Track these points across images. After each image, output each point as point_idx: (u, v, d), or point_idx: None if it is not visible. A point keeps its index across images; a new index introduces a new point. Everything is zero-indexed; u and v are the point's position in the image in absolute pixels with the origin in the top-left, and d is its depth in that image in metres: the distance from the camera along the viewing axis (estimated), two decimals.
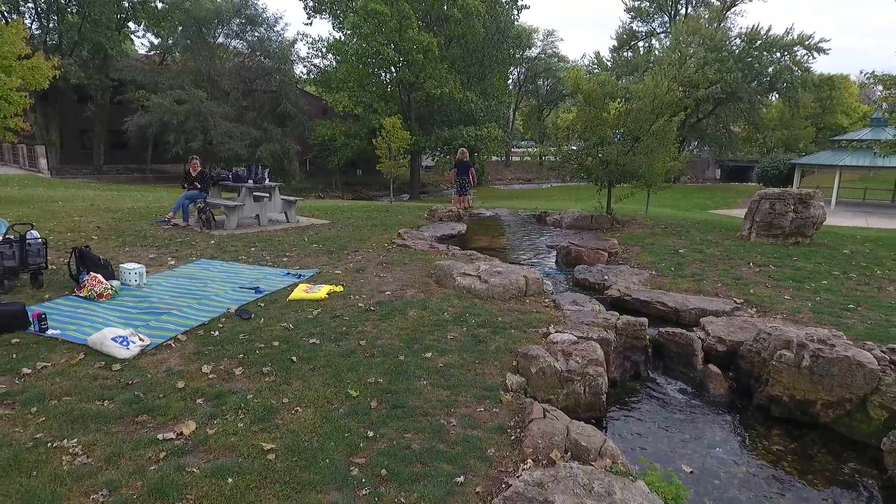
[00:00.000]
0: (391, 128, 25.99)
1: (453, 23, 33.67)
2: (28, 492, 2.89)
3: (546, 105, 69.63)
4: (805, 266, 8.06)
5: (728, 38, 44.83)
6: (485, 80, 39.18)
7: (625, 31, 55.32)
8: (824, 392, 4.40)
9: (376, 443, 3.45)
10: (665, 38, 52.92)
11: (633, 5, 53.49)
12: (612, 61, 56.04)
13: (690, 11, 51.96)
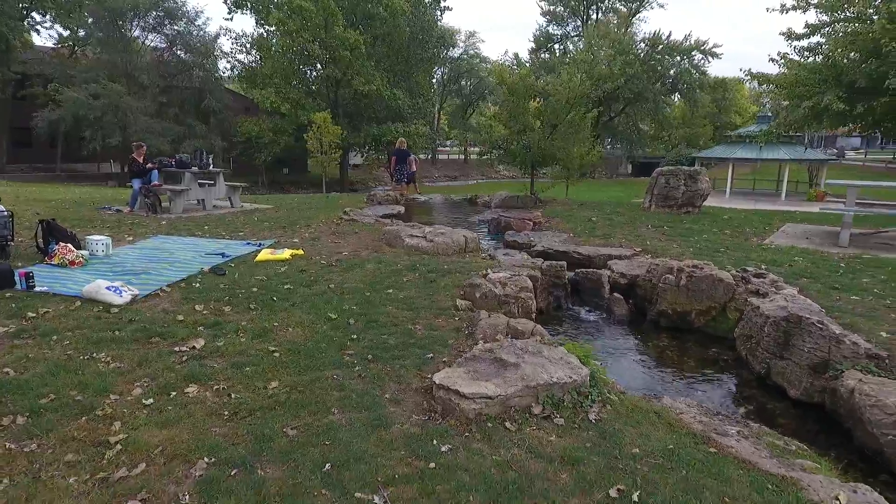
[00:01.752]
0: (322, 123, 26.42)
1: (379, 21, 34.40)
2: (81, 383, 3.56)
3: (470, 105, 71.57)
4: (692, 227, 9.73)
5: (634, 42, 48.39)
6: (410, 79, 40.17)
7: (542, 34, 58.27)
8: (697, 303, 5.76)
9: (360, 343, 4.35)
10: (579, 41, 56.24)
11: (548, 9, 56.50)
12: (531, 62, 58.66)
13: (601, 17, 55.50)
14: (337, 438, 2.96)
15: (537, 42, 58.67)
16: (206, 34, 32.37)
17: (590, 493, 2.59)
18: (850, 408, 3.73)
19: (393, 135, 34.29)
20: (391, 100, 35.37)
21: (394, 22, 34.14)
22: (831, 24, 16.09)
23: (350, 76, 32.98)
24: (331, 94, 35.98)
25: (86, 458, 2.75)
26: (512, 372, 3.50)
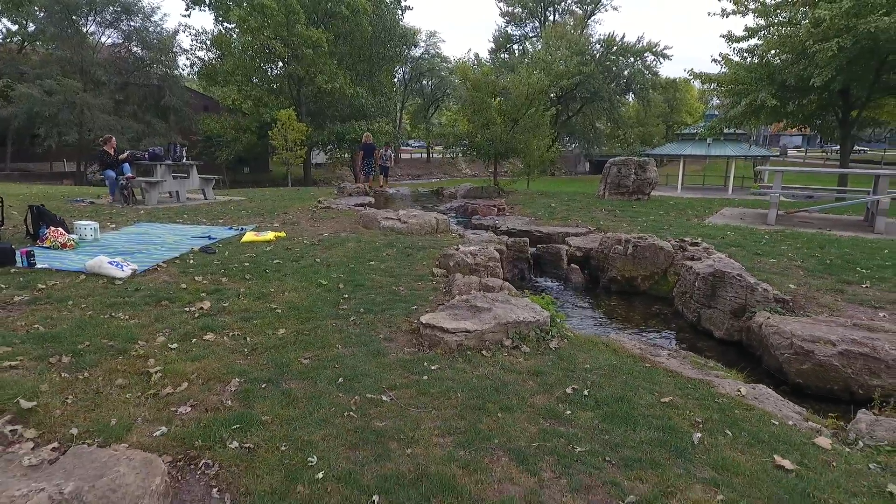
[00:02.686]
0: (287, 120, 26.63)
1: (341, 19, 34.65)
2: (109, 333, 4.05)
3: (432, 104, 72.22)
4: (641, 210, 10.68)
5: (590, 43, 50.00)
6: (373, 77, 40.52)
7: (501, 34, 59.45)
8: (641, 269, 6.59)
9: (350, 301, 4.95)
10: (537, 42, 57.68)
11: (507, 11, 57.67)
12: (491, 62, 59.78)
13: (557, 18, 57.06)
14: (344, 363, 3.57)
15: (497, 42, 59.80)
16: (164, 30, 31.95)
17: (551, 392, 3.30)
18: (759, 339, 4.57)
19: (357, 133, 34.61)
20: (354, 98, 35.67)
21: (356, 20, 34.46)
22: (767, 27, 17.47)
23: (313, 74, 33.13)
24: (293, 91, 36.00)
25: (134, 382, 3.28)
26: (486, 314, 4.18)
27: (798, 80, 15.95)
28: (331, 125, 36.20)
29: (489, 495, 2.28)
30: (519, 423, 2.88)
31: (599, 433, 2.80)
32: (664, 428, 2.86)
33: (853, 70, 15.33)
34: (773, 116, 18.79)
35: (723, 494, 2.31)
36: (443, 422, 2.86)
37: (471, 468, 2.45)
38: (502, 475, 2.41)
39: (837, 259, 6.61)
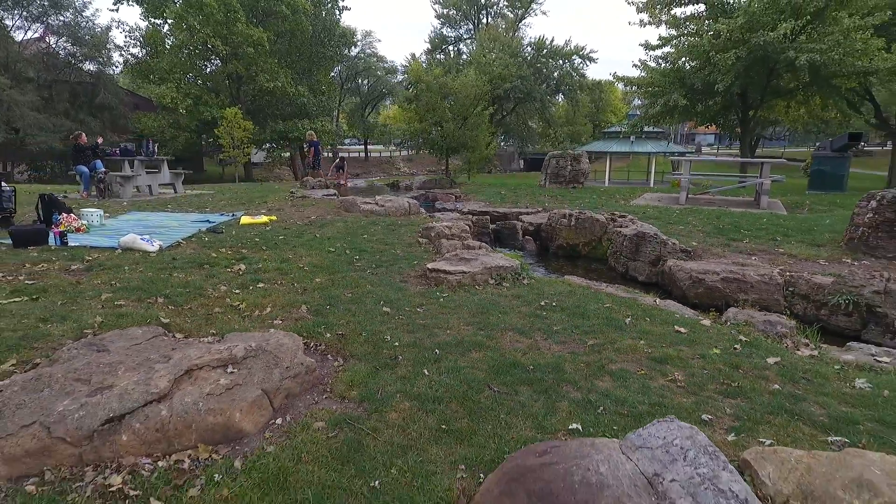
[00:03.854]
0: (233, 118, 26.85)
1: (281, 18, 34.97)
2: (178, 284, 5.08)
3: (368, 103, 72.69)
4: (578, 195, 12.44)
5: (521, 46, 52.49)
6: (312, 77, 40.93)
7: (437, 36, 60.96)
8: (583, 237, 8.19)
9: (361, 261, 6.18)
10: (471, 43, 59.71)
11: (442, 13, 59.35)
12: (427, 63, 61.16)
13: (490, 21, 59.31)
14: (378, 294, 4.84)
15: (433, 43, 61.23)
16: (95, 25, 31.11)
17: (530, 305, 4.72)
18: (669, 277, 6.22)
19: (300, 131, 35.09)
20: (296, 97, 36.06)
21: (296, 19, 34.89)
22: (677, 37, 19.92)
23: (255, 73, 33.30)
24: (233, 90, 35.91)
25: (227, 310, 4.40)
26: (474, 262, 5.55)
27: (704, 84, 18.41)
28: (273, 124, 36.39)
29: (505, 347, 3.65)
30: (513, 318, 4.28)
31: (567, 321, 4.24)
32: (607, 318, 4.35)
33: (749, 76, 17.93)
34: (685, 116, 21.37)
35: (644, 341, 3.81)
36: (463, 319, 4.21)
37: (490, 337, 3.82)
38: (511, 339, 3.80)
39: (729, 225, 8.50)
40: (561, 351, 3.65)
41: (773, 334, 4.14)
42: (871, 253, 6.28)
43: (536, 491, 2.11)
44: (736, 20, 16.12)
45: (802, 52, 15.60)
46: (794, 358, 3.70)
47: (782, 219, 9.37)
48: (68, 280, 5.15)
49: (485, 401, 2.99)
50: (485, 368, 3.35)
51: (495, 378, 3.23)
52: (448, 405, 2.96)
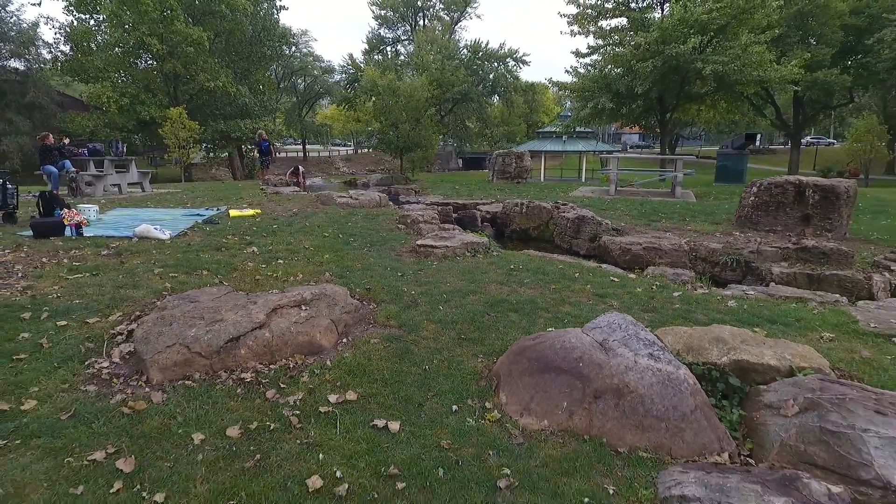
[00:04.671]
0: (178, 118, 26.75)
1: (219, 17, 34.81)
2: (210, 261, 6.08)
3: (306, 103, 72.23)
4: (523, 189, 14.04)
5: (458, 48, 54.23)
6: (251, 76, 40.78)
7: (374, 36, 61.65)
8: (533, 222, 9.70)
9: (356, 242, 7.36)
10: (409, 45, 60.89)
11: (380, 14, 60.14)
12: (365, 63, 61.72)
13: (427, 23, 60.70)
14: (382, 264, 6.07)
15: (370, 44, 61.86)
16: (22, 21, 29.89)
17: (502, 268, 6.09)
18: (604, 249, 7.81)
19: (242, 131, 35.09)
20: (237, 96, 35.96)
21: (235, 19, 34.84)
22: (604, 46, 22.08)
23: (195, 72, 33.02)
24: (170, 89, 35.34)
25: (266, 278, 5.49)
26: (452, 240, 6.88)
27: (627, 89, 20.62)
28: (214, 124, 36.10)
29: (492, 292, 5.01)
30: (493, 276, 5.65)
31: (532, 277, 5.66)
32: (562, 274, 5.80)
33: (665, 83, 20.28)
34: (612, 117, 23.63)
35: (590, 286, 5.27)
36: (456, 277, 5.53)
37: (479, 287, 5.16)
38: (495, 288, 5.16)
39: (650, 210, 10.29)
40: (532, 293, 5.05)
41: (678, 281, 5.73)
42: (753, 227, 8.13)
43: (534, 356, 3.47)
44: (652, 34, 18.33)
45: (708, 63, 17.99)
46: (692, 293, 5.28)
47: (692, 205, 11.33)
48: (110, 262, 6.04)
49: (486, 321, 4.33)
50: (481, 304, 4.69)
51: (490, 309, 4.58)
52: (462, 325, 4.27)
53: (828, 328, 4.29)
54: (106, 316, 4.39)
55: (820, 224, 7.67)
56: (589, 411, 3.09)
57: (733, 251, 6.88)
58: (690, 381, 3.12)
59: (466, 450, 2.92)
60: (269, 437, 3.00)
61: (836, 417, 2.87)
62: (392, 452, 2.88)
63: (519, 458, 2.87)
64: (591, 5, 21.26)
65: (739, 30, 18.45)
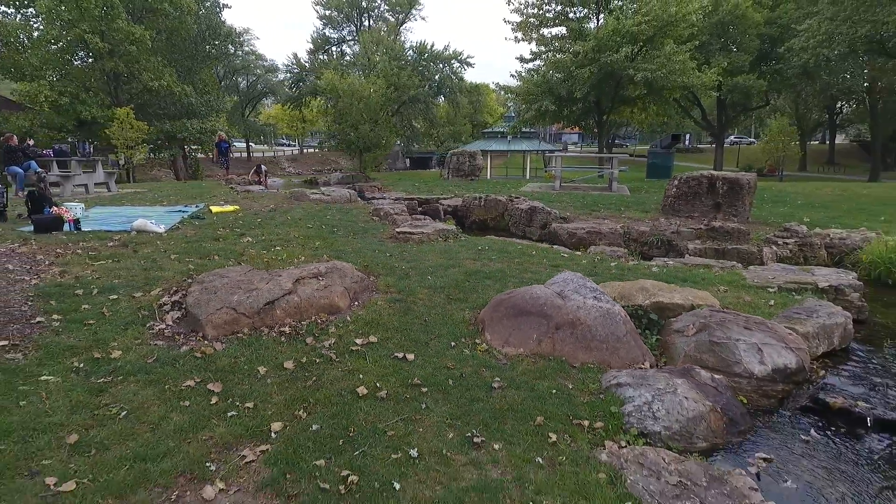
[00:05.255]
0: (125, 118, 26.36)
1: (162, 16, 34.28)
2: (216, 249, 6.89)
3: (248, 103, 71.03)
4: (477, 186, 15.28)
5: (404, 50, 55.06)
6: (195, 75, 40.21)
7: (319, 36, 61.57)
8: (490, 214, 10.92)
9: (340, 232, 8.29)
10: (354, 45, 61.19)
11: (324, 14, 60.14)
12: (310, 62, 61.58)
13: (373, 24, 61.20)
14: (370, 248, 7.07)
15: (315, 44, 61.73)
16: None
17: (472, 249, 7.23)
18: (554, 234, 9.10)
19: (189, 131, 34.70)
20: (182, 96, 35.49)
21: (179, 18, 34.41)
22: (546, 53, 23.69)
23: (138, 71, 32.42)
24: (111, 88, 34.47)
25: (273, 260, 6.37)
26: (426, 227, 7.96)
27: (568, 93, 22.30)
28: (159, 124, 35.46)
29: (468, 266, 6.14)
30: (465, 254, 6.78)
31: (498, 255, 6.82)
32: (522, 252, 7.00)
33: (601, 87, 22.08)
34: (554, 119, 25.32)
35: (546, 259, 6.50)
36: (436, 255, 6.62)
37: (457, 263, 6.27)
38: (469, 263, 6.29)
39: (590, 202, 11.74)
40: (500, 265, 6.21)
41: (615, 256, 7.04)
42: (675, 213, 9.66)
43: (509, 305, 4.61)
44: (589, 43, 20.04)
45: (639, 70, 19.85)
46: (625, 264, 6.60)
47: (626, 197, 12.89)
48: (122, 251, 6.75)
49: (467, 285, 5.45)
50: (461, 274, 5.80)
51: (468, 278, 5.71)
52: (448, 289, 5.38)
53: (724, 283, 5.68)
54: (148, 291, 5.21)
55: (728, 210, 9.26)
56: (552, 339, 4.26)
57: (658, 233, 8.32)
58: (623, 315, 4.35)
59: (466, 368, 4.02)
60: (317, 367, 4.00)
61: (720, 333, 4.18)
62: (412, 372, 3.95)
63: (504, 371, 4.01)
64: (534, 14, 22.83)
65: (665, 40, 20.44)
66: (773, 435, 3.65)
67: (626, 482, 2.84)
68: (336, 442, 3.13)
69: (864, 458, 3.41)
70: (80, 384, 3.68)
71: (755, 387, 3.91)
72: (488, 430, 3.27)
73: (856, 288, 5.49)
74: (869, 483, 3.19)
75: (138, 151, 26.88)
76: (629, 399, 3.52)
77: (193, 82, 39.24)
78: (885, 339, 5.03)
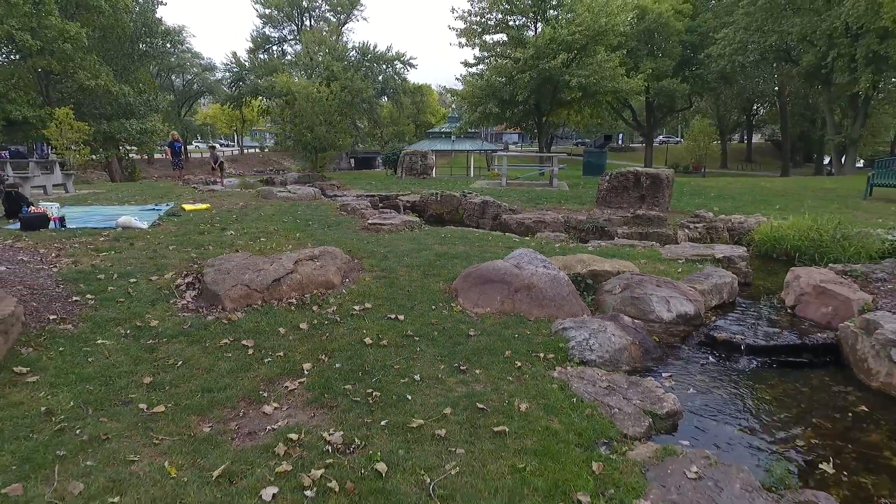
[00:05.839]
0: (65, 118, 25.60)
1: (97, 13, 33.33)
2: (208, 240, 7.63)
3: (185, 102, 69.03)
4: (430, 183, 16.36)
5: (347, 50, 55.37)
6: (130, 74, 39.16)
7: (259, 35, 60.77)
8: (446, 208, 12.03)
9: (314, 225, 9.15)
10: (296, 44, 60.83)
11: (264, 12, 59.41)
12: (250, 61, 60.74)
13: (314, 24, 61.02)
14: (347, 237, 8.00)
15: (255, 42, 60.93)
16: None
17: (436, 237, 8.30)
18: (504, 224, 10.33)
19: (128, 132, 33.88)
20: (120, 95, 34.59)
21: (115, 16, 33.54)
22: (489, 58, 25.07)
23: (73, 70, 31.40)
24: (42, 87, 33.15)
25: (265, 247, 7.20)
26: (394, 220, 8.97)
27: (510, 96, 23.77)
28: (95, 124, 34.38)
29: (437, 249, 7.21)
30: (432, 241, 7.84)
31: (460, 241, 7.93)
32: (480, 238, 8.14)
33: (540, 92, 23.68)
34: (497, 120, 26.79)
35: (501, 243, 7.66)
36: (406, 243, 7.65)
37: (426, 247, 7.33)
38: (437, 247, 7.37)
39: (535, 197, 13.08)
40: (464, 249, 7.33)
41: (558, 240, 8.30)
42: (607, 205, 11.11)
43: (477, 276, 5.72)
44: (528, 51, 21.55)
45: (574, 76, 21.55)
46: (566, 245, 7.86)
47: (565, 192, 14.35)
48: (119, 245, 7.37)
49: (439, 264, 6.52)
50: (432, 256, 6.87)
51: (439, 258, 6.78)
52: (423, 267, 6.43)
53: (644, 258, 7.03)
54: (161, 275, 5.97)
55: (650, 201, 10.79)
56: (512, 300, 5.40)
57: (593, 221, 9.70)
58: (567, 280, 5.55)
59: (447, 324, 5.09)
60: (327, 327, 4.96)
61: (638, 291, 5.45)
62: (404, 327, 4.98)
63: (477, 324, 5.10)
64: (477, 22, 24.15)
65: (597, 48, 22.26)
66: (677, 361, 4.94)
67: (571, 387, 3.99)
68: (356, 374, 4.13)
69: (738, 373, 4.75)
70: (133, 345, 4.49)
71: (664, 328, 5.19)
72: (470, 362, 4.35)
73: (743, 258, 6.97)
74: (740, 386, 4.51)
75: (79, 153, 26.16)
76: (572, 338, 4.70)
77: (129, 81, 38.23)
78: (762, 296, 6.51)
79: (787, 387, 4.51)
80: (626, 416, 3.63)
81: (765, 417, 4.06)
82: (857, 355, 4.59)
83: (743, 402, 4.26)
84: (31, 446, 3.13)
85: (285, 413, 3.64)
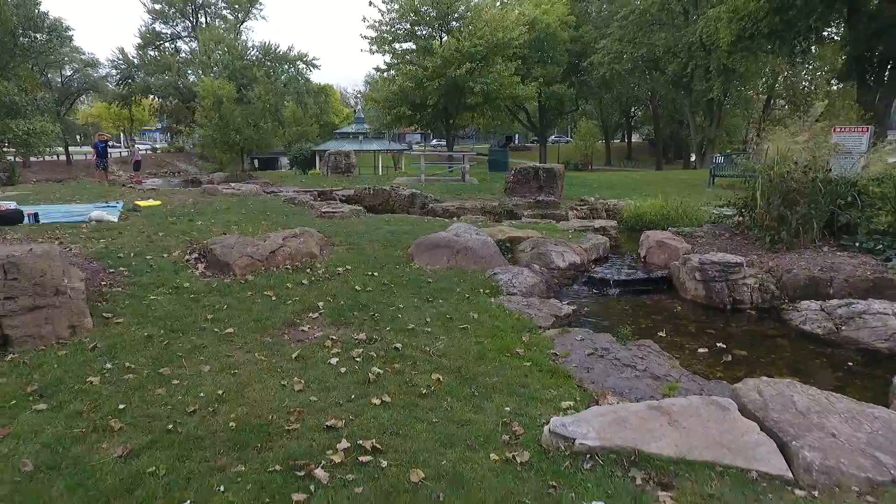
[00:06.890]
0: None
1: None
2: (189, 229, 8.89)
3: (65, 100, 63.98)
4: (352, 180, 17.96)
5: (247, 49, 54.58)
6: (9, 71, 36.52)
7: (148, 31, 57.86)
8: (378, 200, 13.83)
9: (274, 215, 10.56)
10: (191, 42, 58.81)
11: (153, 7, 56.73)
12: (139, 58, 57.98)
13: (210, 21, 59.25)
14: (310, 223, 9.58)
15: (144, 38, 57.95)
16: None
17: (383, 221, 10.12)
18: (432, 211, 12.35)
19: (15, 133, 31.88)
20: (3, 94, 32.36)
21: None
22: (399, 64, 26.95)
23: None
24: None
25: (243, 229, 8.63)
26: (343, 209, 10.67)
27: (420, 100, 25.82)
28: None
29: (386, 228, 9.06)
30: (380, 223, 9.65)
31: (402, 224, 9.82)
32: (419, 221, 10.08)
33: (449, 97, 25.96)
34: (409, 123, 28.77)
35: (437, 224, 9.65)
36: (361, 226, 9.41)
37: (377, 228, 9.15)
38: (387, 227, 9.21)
39: (452, 189, 15.20)
40: (409, 228, 9.23)
41: (478, 221, 10.43)
42: (514, 194, 13.52)
43: (427, 243, 7.70)
44: (435, 59, 23.74)
45: (477, 83, 24.06)
46: (487, 223, 10.01)
47: (477, 185, 16.68)
48: (109, 234, 8.46)
49: (393, 239, 8.40)
50: (387, 234, 8.72)
51: (392, 235, 8.65)
52: (382, 241, 8.28)
53: (545, 230, 9.35)
54: (170, 253, 7.32)
55: (547, 190, 13.32)
56: (455, 259, 7.41)
57: (504, 206, 12.00)
58: (493, 243, 7.66)
59: (410, 276, 6.99)
60: (323, 282, 6.68)
61: (542, 248, 7.69)
62: (380, 279, 6.81)
63: (432, 276, 7.05)
64: (387, 31, 25.92)
65: (496, 58, 24.93)
66: (570, 291, 7.22)
67: (505, 306, 6.07)
68: (358, 307, 5.92)
69: (608, 297, 7.12)
70: (179, 299, 5.95)
71: (561, 273, 7.46)
72: (434, 297, 6.30)
73: (615, 228, 9.55)
74: (609, 303, 6.86)
75: None
76: (501, 279, 6.80)
77: (10, 78, 35.66)
78: (626, 253, 9.08)
79: (637, 301, 6.95)
80: (540, 317, 5.77)
81: (623, 317, 6.42)
82: (679, 281, 7.13)
83: (610, 310, 6.60)
84: (153, 354, 4.63)
85: (318, 330, 5.36)
